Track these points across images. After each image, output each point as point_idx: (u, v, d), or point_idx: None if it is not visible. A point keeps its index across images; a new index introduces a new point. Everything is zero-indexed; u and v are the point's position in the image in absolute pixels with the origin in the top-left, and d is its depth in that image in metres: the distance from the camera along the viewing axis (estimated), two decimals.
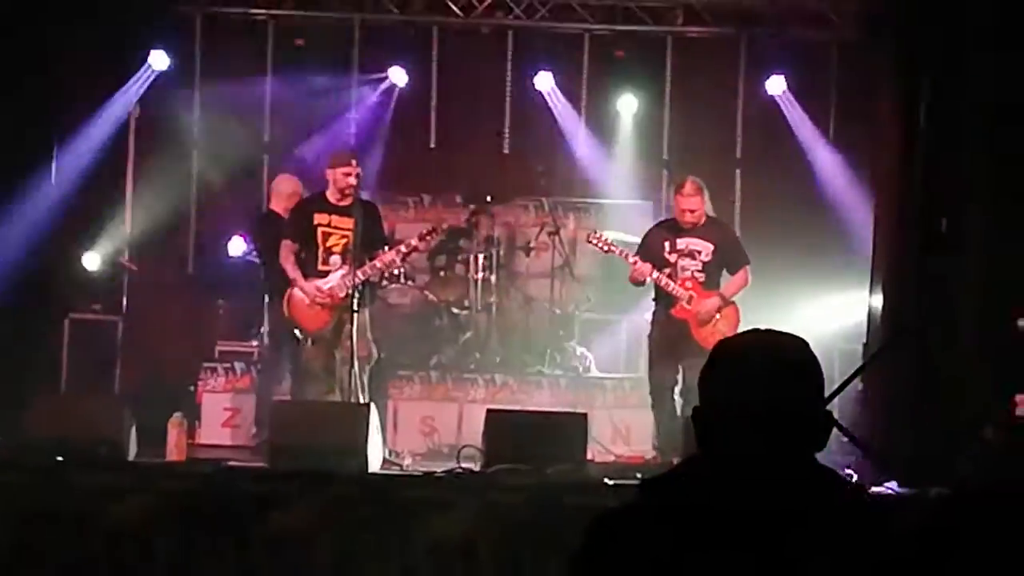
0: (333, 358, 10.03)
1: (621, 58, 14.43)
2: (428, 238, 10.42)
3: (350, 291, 9.86)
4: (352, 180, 10.05)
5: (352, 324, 9.74)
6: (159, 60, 13.79)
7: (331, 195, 10.15)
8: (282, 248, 10.19)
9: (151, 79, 13.72)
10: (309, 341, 10.18)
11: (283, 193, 11.22)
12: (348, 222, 10.01)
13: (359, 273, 9.90)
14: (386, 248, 10.20)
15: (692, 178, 10.35)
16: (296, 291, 10.11)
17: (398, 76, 14.21)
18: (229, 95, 14.11)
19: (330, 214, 10.11)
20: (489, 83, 14.38)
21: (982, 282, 9.14)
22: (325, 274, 10.04)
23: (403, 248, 10.10)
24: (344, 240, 10.01)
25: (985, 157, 9.21)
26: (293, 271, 10.10)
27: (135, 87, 13.63)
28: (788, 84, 13.93)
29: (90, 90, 13.06)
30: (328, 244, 10.08)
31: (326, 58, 14.23)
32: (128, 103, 13.59)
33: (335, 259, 10.04)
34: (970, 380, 8.94)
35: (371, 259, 10.05)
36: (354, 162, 10.13)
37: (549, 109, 14.31)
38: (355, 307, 9.78)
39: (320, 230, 10.08)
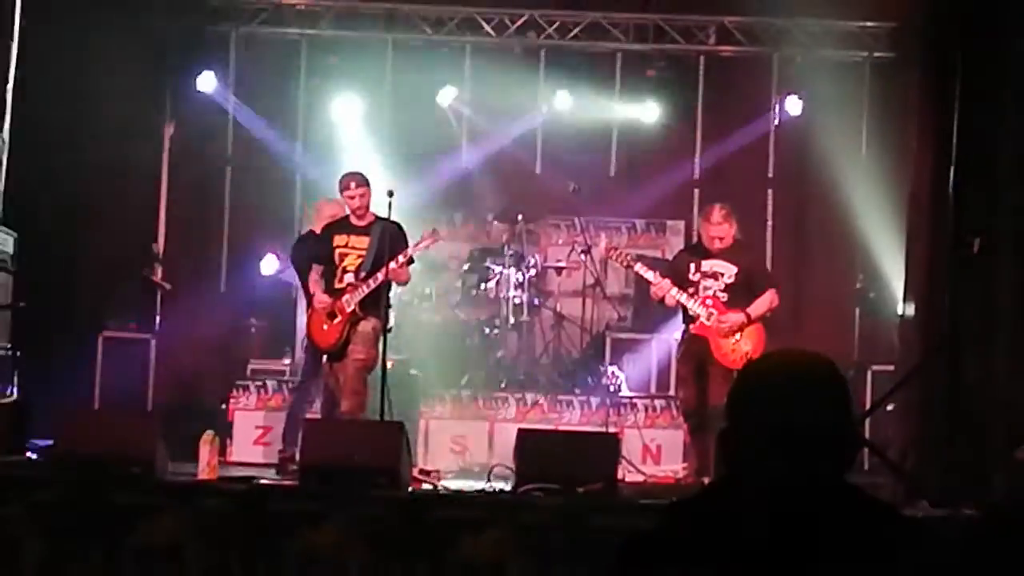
0: (343, 371, 10.15)
1: (653, 77, 14.42)
2: (422, 245, 10.47)
3: (355, 305, 10.10)
4: (356, 202, 10.29)
5: (355, 333, 10.10)
6: (207, 81, 13.88)
7: (352, 217, 10.33)
8: (311, 270, 10.40)
9: (195, 98, 13.86)
10: (325, 359, 10.36)
11: (323, 216, 11.30)
12: (364, 241, 10.24)
13: (363, 286, 10.08)
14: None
15: (720, 205, 10.35)
16: (312, 311, 10.30)
17: (447, 94, 14.26)
18: (263, 113, 14.19)
19: (349, 235, 10.34)
20: (521, 101, 14.38)
21: (1016, 301, 9.09)
22: (340, 291, 10.18)
23: (401, 258, 10.18)
24: (360, 260, 10.20)
25: (1019, 174, 9.17)
26: (314, 288, 10.31)
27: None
28: (820, 102, 13.89)
29: (128, 108, 13.13)
30: (344, 264, 10.24)
31: (359, 77, 14.28)
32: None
33: (349, 277, 10.21)
34: (1003, 400, 8.89)
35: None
36: (353, 184, 10.28)
37: (580, 127, 14.31)
38: (356, 316, 10.09)
39: (338, 251, 10.29)
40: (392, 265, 10.04)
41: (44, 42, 10.82)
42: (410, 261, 10.37)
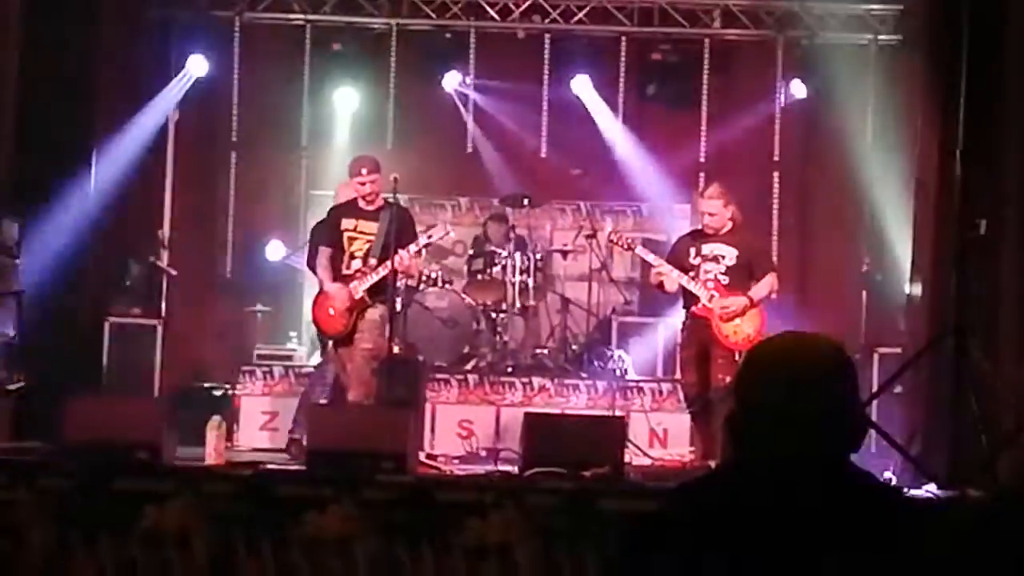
0: (351, 360, 10.10)
1: (658, 61, 14.39)
2: (435, 238, 10.47)
3: (363, 292, 10.04)
4: (367, 188, 10.16)
5: (362, 320, 10.03)
6: (198, 65, 13.87)
7: (361, 201, 10.26)
8: (319, 254, 10.33)
9: (189, 84, 13.82)
10: (331, 345, 10.33)
11: (342, 198, 11.29)
12: (372, 227, 10.14)
13: (372, 274, 10.02)
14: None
15: (716, 183, 10.47)
16: (319, 296, 10.26)
17: (452, 79, 14.26)
18: (267, 99, 14.19)
19: (357, 219, 10.21)
20: (526, 87, 14.38)
21: (1022, 283, 9.09)
22: (347, 279, 10.12)
23: (413, 247, 10.17)
24: (368, 244, 10.12)
25: None
26: (323, 274, 10.26)
27: (174, 92, 13.74)
28: (826, 86, 13.88)
29: (131, 94, 13.15)
30: (352, 249, 10.17)
31: (363, 62, 14.28)
32: (167, 108, 13.69)
33: (356, 263, 10.13)
34: (1010, 382, 8.89)
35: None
36: (365, 170, 10.19)
37: (586, 112, 14.32)
38: (364, 303, 10.04)
39: (346, 235, 10.19)
40: (404, 255, 10.03)
41: (48, 29, 10.81)
42: (419, 253, 10.39)
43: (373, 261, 10.08)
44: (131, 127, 12.94)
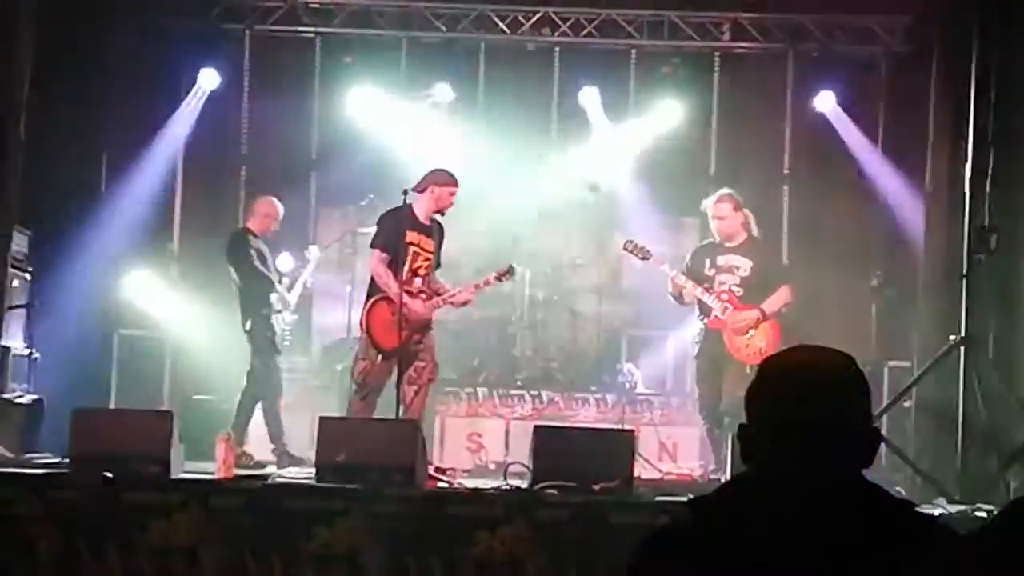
0: (390, 376, 9.97)
1: (668, 74, 14.38)
2: (504, 277, 10.49)
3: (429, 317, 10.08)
4: (453, 200, 10.15)
5: (426, 346, 10.05)
6: (209, 79, 13.86)
7: (420, 213, 10.13)
8: (373, 258, 10.12)
9: (203, 99, 13.82)
10: (379, 358, 10.08)
11: (259, 213, 11.36)
12: (430, 244, 10.10)
13: (441, 303, 10.13)
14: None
15: (725, 189, 10.53)
16: (383, 303, 10.02)
17: (443, 93, 14.23)
18: (277, 112, 14.17)
19: (419, 233, 10.07)
20: (535, 100, 14.36)
21: None
22: (408, 295, 9.97)
23: (481, 284, 10.22)
24: (427, 263, 10.08)
25: None
26: (392, 282, 9.93)
27: (189, 108, 13.74)
28: (836, 98, 13.86)
29: (141, 106, 13.19)
30: (415, 265, 10.03)
31: (374, 75, 14.26)
32: (185, 127, 13.70)
33: (418, 281, 10.02)
34: (1020, 396, 8.87)
35: (440, 291, 10.26)
36: (455, 182, 10.15)
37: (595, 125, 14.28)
38: (426, 326, 10.08)
39: (411, 249, 10.02)
40: (468, 295, 10.21)
41: (59, 41, 10.83)
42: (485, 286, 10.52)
43: (431, 283, 10.14)
44: (144, 143, 12.97)
